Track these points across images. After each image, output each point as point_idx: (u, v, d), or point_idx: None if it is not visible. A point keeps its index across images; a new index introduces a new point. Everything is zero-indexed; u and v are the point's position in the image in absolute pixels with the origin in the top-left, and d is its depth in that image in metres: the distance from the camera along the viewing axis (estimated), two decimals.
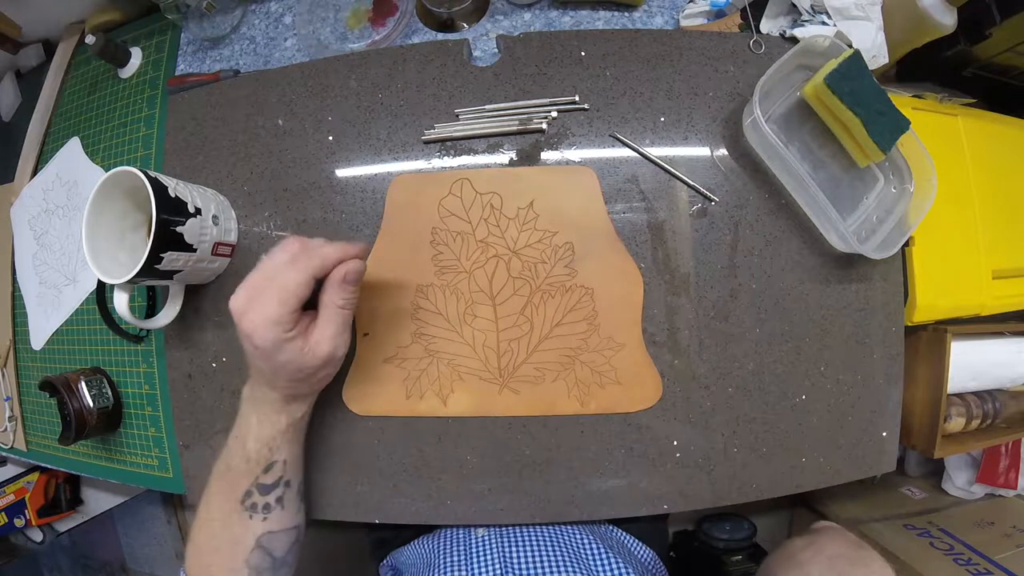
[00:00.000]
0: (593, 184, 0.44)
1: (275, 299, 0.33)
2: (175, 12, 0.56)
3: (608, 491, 0.45)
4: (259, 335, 0.33)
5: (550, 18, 0.51)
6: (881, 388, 0.45)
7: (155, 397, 0.53)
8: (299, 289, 0.34)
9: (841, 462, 0.45)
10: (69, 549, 1.17)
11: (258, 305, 0.33)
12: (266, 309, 0.33)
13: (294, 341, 0.35)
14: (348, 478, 0.46)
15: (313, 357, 0.36)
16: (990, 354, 0.52)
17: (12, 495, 0.79)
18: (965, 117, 0.52)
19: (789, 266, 0.44)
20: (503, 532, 0.45)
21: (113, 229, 0.43)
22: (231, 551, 0.38)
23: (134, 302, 0.52)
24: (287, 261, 0.34)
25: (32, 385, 0.60)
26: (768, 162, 0.44)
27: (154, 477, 0.54)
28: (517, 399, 0.44)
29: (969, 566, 0.58)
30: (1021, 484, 0.68)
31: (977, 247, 0.49)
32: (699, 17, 0.49)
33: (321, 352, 0.36)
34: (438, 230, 0.45)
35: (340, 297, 0.35)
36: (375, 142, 0.47)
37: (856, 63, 0.41)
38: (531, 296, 0.44)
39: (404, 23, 0.51)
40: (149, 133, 0.56)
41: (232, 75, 0.54)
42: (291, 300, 0.33)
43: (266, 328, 0.33)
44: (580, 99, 0.45)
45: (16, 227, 0.64)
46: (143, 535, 1.22)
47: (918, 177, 0.44)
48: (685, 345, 0.44)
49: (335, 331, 0.36)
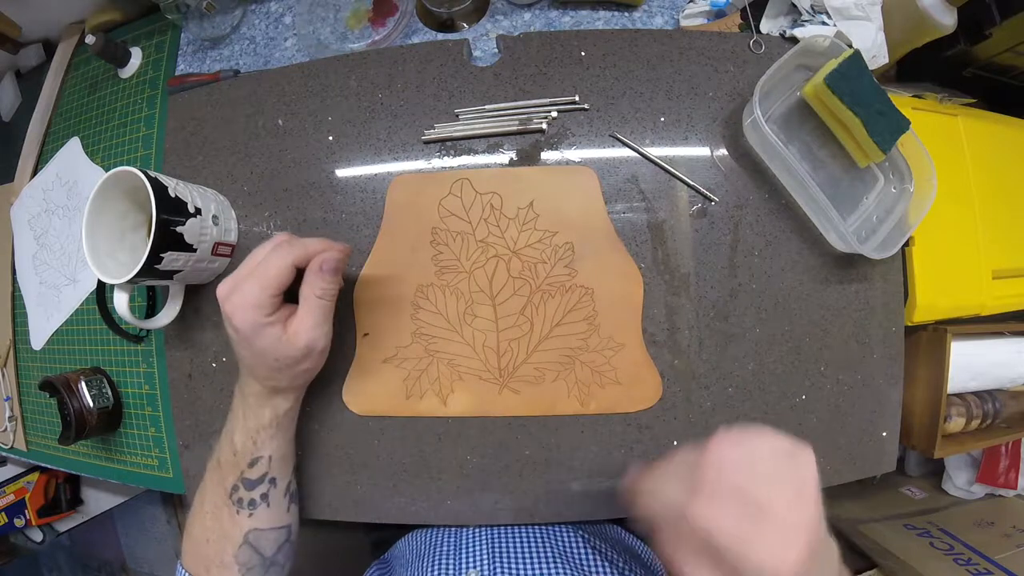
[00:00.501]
0: (593, 184, 0.44)
1: (256, 283, 0.35)
2: (175, 12, 0.56)
3: (608, 491, 0.44)
4: (238, 317, 0.35)
5: (550, 18, 0.51)
6: (881, 388, 0.45)
7: (155, 397, 0.53)
8: (279, 274, 0.35)
9: (841, 462, 0.45)
10: (69, 549, 1.17)
11: (240, 289, 0.35)
12: (246, 292, 0.35)
13: (273, 327, 0.35)
14: (348, 478, 0.46)
15: (291, 347, 0.36)
16: (990, 354, 0.52)
17: (12, 495, 0.79)
18: (965, 117, 0.52)
19: (789, 266, 0.44)
20: (494, 527, 0.46)
21: (113, 229, 0.43)
22: (220, 545, 0.38)
23: (134, 302, 0.52)
24: (270, 249, 0.36)
25: (32, 385, 0.60)
26: (768, 162, 0.44)
27: (154, 477, 0.54)
28: (517, 399, 0.44)
29: (969, 566, 0.58)
30: (1021, 484, 0.68)
31: (977, 247, 0.49)
32: (699, 17, 0.49)
33: (299, 342, 0.36)
34: (438, 230, 0.45)
35: (318, 287, 0.36)
36: (375, 142, 0.47)
37: (856, 63, 0.41)
38: (531, 296, 0.44)
39: (404, 23, 0.51)
40: (149, 133, 0.56)
41: (232, 75, 0.54)
42: (270, 285, 0.35)
43: (245, 310, 0.35)
44: (580, 99, 0.45)
45: (16, 227, 0.64)
46: (143, 535, 1.22)
47: (918, 177, 0.44)
48: (685, 345, 0.44)
49: (313, 322, 0.36)
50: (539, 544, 0.43)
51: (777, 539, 0.24)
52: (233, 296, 0.35)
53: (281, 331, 0.36)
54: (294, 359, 0.37)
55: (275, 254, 0.35)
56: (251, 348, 0.36)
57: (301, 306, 0.37)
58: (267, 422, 0.39)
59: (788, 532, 0.24)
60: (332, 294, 0.37)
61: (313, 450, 0.47)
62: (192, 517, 0.40)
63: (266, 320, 0.35)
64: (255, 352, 0.36)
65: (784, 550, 0.24)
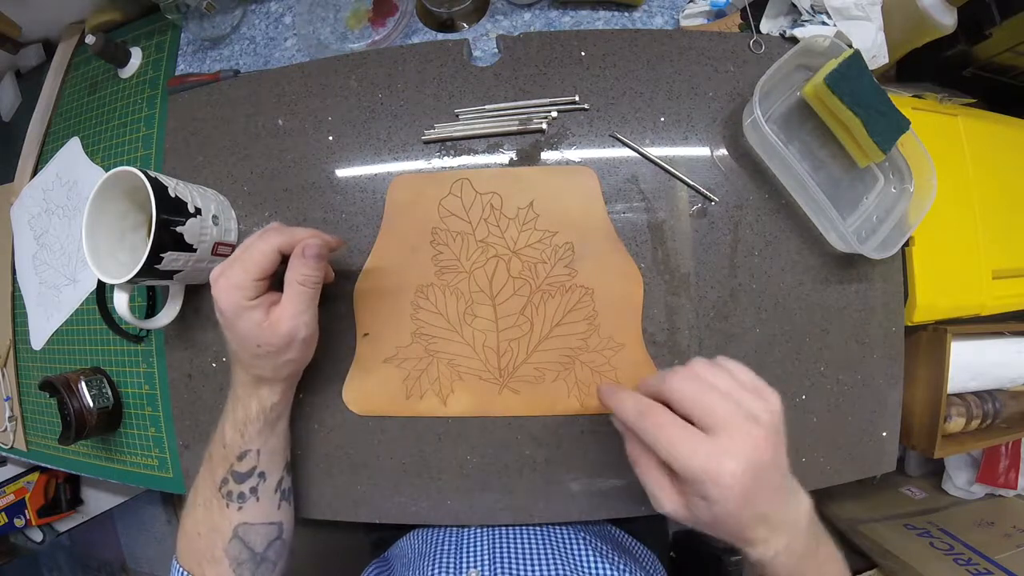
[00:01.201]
0: (593, 184, 0.44)
1: (241, 267, 0.36)
2: (175, 12, 0.56)
3: (608, 491, 0.44)
4: (223, 298, 0.36)
5: (550, 18, 0.51)
6: (881, 388, 0.45)
7: (155, 397, 0.53)
8: (262, 258, 0.36)
9: (841, 462, 0.45)
10: (69, 549, 1.17)
11: (226, 272, 0.36)
12: (232, 275, 0.36)
13: (255, 311, 0.36)
14: (348, 478, 0.46)
15: (272, 333, 0.36)
16: (990, 354, 0.52)
17: (12, 495, 0.79)
18: (965, 117, 0.52)
19: (789, 266, 0.44)
20: (494, 527, 0.46)
21: (113, 229, 0.43)
22: (211, 538, 0.39)
23: (134, 302, 0.52)
24: (258, 235, 0.37)
25: (32, 385, 0.60)
26: (768, 162, 0.44)
27: (154, 477, 0.54)
28: (517, 399, 0.44)
29: (969, 566, 0.58)
30: (1021, 484, 0.68)
31: (977, 247, 0.49)
32: (699, 17, 0.49)
33: (280, 329, 0.36)
34: (438, 230, 0.45)
35: (300, 273, 0.36)
36: (375, 142, 0.47)
37: (856, 63, 0.41)
38: (531, 296, 0.44)
39: (404, 23, 0.51)
40: (149, 133, 0.56)
41: (232, 75, 0.54)
42: (253, 268, 0.35)
43: (228, 291, 0.36)
44: (580, 99, 0.45)
45: (16, 227, 0.64)
46: (143, 535, 1.22)
47: (918, 177, 0.44)
48: (685, 345, 0.44)
49: (295, 309, 0.36)
50: (539, 544, 0.43)
51: (719, 449, 0.27)
52: (220, 279, 0.36)
53: (263, 316, 0.36)
54: (275, 346, 0.37)
55: (261, 239, 0.36)
56: (234, 332, 0.37)
57: (285, 292, 0.37)
58: (254, 415, 0.39)
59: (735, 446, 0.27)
60: (314, 281, 0.37)
61: (313, 450, 0.47)
62: (185, 511, 0.41)
63: (248, 303, 0.36)
64: (238, 336, 0.37)
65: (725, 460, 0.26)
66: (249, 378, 0.39)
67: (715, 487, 0.26)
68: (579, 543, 0.44)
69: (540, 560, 0.42)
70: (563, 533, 0.45)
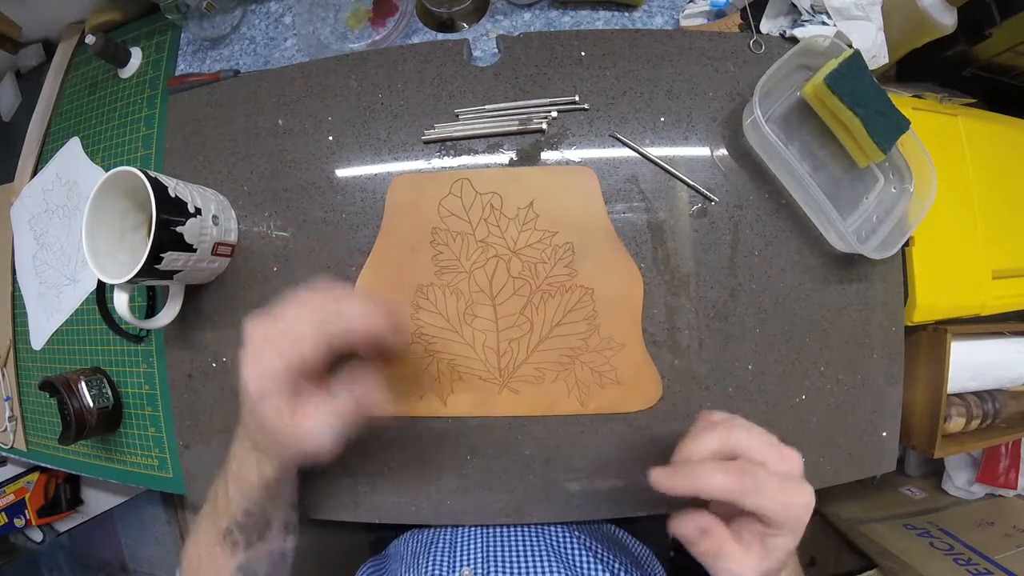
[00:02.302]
0: (593, 184, 0.44)
1: (276, 352, 0.29)
2: (175, 12, 0.56)
3: (608, 491, 0.44)
4: (247, 368, 0.29)
5: (550, 18, 0.51)
6: (881, 388, 0.45)
7: (155, 397, 0.53)
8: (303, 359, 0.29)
9: (841, 462, 0.45)
10: (69, 549, 1.16)
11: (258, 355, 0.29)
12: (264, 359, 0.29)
13: (277, 396, 0.29)
14: (348, 478, 0.46)
15: (290, 435, 0.30)
16: (990, 354, 0.52)
17: (12, 495, 0.79)
18: (965, 117, 0.52)
19: (789, 266, 0.44)
20: (488, 527, 0.46)
21: (113, 229, 0.43)
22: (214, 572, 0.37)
23: (134, 302, 0.52)
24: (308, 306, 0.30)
25: (32, 385, 0.60)
26: (768, 162, 0.44)
27: (154, 477, 0.54)
28: (517, 399, 0.44)
29: (969, 566, 0.58)
30: (1021, 484, 0.68)
31: (977, 247, 0.49)
32: (699, 17, 0.49)
33: (300, 433, 0.30)
34: (438, 230, 0.45)
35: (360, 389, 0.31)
36: (375, 142, 0.47)
37: (856, 63, 0.41)
38: (531, 296, 0.44)
39: (404, 23, 0.51)
40: (149, 133, 0.56)
41: (232, 75, 0.54)
42: (295, 359, 0.29)
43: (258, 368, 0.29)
44: (580, 99, 0.45)
45: (16, 227, 0.64)
46: (143, 535, 1.21)
47: (918, 177, 0.44)
48: (685, 345, 0.44)
49: (329, 421, 0.30)
50: (533, 543, 0.44)
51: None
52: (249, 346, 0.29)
53: (288, 409, 0.29)
54: (285, 444, 0.31)
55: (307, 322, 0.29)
56: (247, 404, 0.31)
57: (323, 398, 0.30)
58: (255, 483, 0.35)
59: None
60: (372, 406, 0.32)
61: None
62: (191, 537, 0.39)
63: (274, 387, 0.29)
64: (246, 405, 0.31)
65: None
66: (250, 445, 0.35)
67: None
68: (573, 542, 0.44)
69: (533, 559, 0.42)
70: (557, 532, 0.45)
